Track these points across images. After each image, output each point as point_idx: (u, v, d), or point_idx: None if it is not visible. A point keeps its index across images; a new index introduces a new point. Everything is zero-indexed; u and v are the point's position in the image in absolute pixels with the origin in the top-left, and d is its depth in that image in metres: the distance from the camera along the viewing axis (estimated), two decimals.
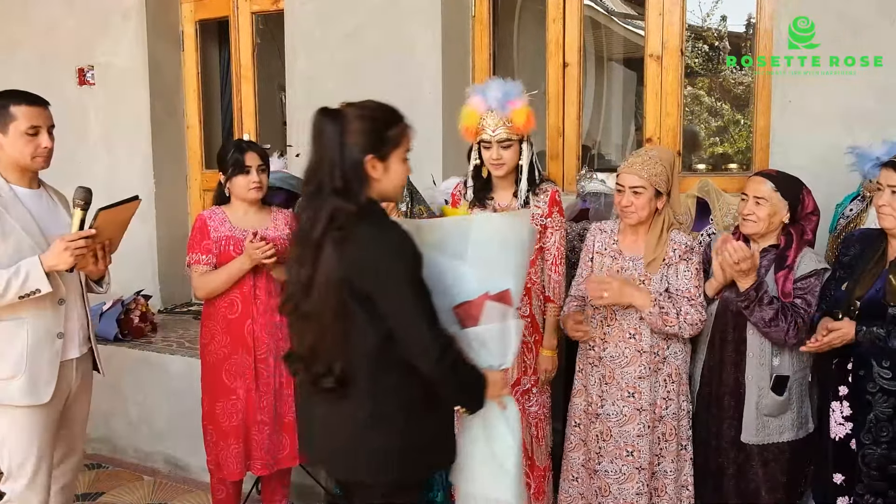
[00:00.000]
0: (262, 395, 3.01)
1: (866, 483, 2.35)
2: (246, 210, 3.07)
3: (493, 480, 2.03)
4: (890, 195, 2.33)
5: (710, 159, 6.68)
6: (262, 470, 3.07)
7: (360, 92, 4.23)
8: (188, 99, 5.21)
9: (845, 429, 2.43)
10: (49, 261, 2.42)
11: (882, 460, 2.33)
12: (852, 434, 2.41)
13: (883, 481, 2.33)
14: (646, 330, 2.60)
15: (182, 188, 5.22)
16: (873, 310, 2.35)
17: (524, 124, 2.71)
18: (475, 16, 4.27)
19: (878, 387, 2.33)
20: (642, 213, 2.58)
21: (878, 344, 2.28)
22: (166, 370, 4.09)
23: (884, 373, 2.32)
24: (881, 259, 2.42)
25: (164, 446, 4.13)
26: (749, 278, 2.48)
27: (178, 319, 4.83)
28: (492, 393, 1.97)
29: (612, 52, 6.23)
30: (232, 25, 5.01)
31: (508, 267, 1.98)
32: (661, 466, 2.66)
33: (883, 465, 2.33)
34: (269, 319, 3.01)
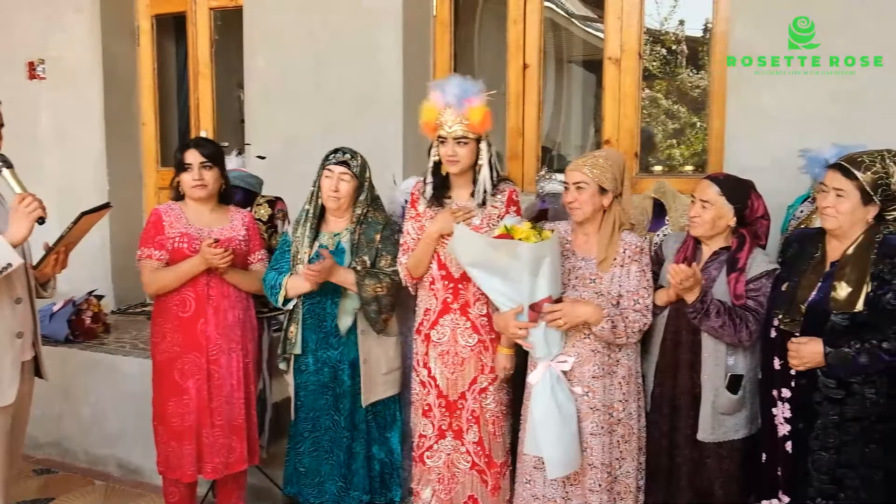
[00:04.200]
0: (213, 397, 2.98)
1: (816, 487, 2.38)
2: (202, 208, 3.02)
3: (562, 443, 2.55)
4: (834, 197, 2.34)
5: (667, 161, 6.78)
6: (212, 474, 3.02)
7: (321, 91, 4.29)
8: (143, 95, 5.12)
9: (785, 429, 2.45)
10: (10, 232, 2.33)
11: (831, 465, 2.35)
12: (790, 436, 2.44)
13: (832, 485, 2.36)
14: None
15: (137, 186, 5.13)
16: (816, 315, 2.36)
17: (480, 123, 2.72)
18: (436, 16, 4.28)
19: (824, 396, 2.35)
20: (586, 208, 2.62)
21: (847, 364, 2.28)
22: (119, 371, 4.01)
23: (829, 382, 2.34)
24: (821, 260, 2.44)
25: (117, 450, 4.04)
26: (694, 293, 2.53)
27: (131, 320, 4.75)
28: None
29: (572, 54, 6.28)
30: (189, 21, 4.95)
31: (556, 277, 2.59)
32: (622, 469, 2.68)
33: (832, 469, 2.35)
34: (222, 319, 2.97)
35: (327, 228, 2.98)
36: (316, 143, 3.32)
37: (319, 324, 2.94)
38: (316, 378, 2.96)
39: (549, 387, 2.58)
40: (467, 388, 2.83)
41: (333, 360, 2.93)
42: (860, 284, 2.29)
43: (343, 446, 2.96)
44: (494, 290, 2.61)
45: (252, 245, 3.12)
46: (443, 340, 2.84)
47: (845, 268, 2.33)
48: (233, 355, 3.01)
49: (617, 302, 2.61)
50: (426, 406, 2.89)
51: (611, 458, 2.66)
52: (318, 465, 2.98)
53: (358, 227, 2.93)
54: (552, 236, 2.57)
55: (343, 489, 2.96)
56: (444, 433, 2.86)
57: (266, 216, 3.42)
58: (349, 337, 2.92)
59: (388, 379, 2.97)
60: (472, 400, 2.83)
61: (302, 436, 3.01)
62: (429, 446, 2.89)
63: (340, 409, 2.95)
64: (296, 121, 4.37)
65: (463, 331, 2.83)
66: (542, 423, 2.56)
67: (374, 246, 2.94)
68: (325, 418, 2.96)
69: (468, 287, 2.81)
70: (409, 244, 2.88)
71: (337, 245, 2.92)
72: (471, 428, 2.84)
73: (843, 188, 2.31)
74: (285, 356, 3.00)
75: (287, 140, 4.36)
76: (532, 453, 2.66)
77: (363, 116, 4.16)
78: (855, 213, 2.32)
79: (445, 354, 2.84)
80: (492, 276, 2.59)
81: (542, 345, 2.60)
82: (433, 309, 2.86)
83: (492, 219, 2.78)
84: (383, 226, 2.97)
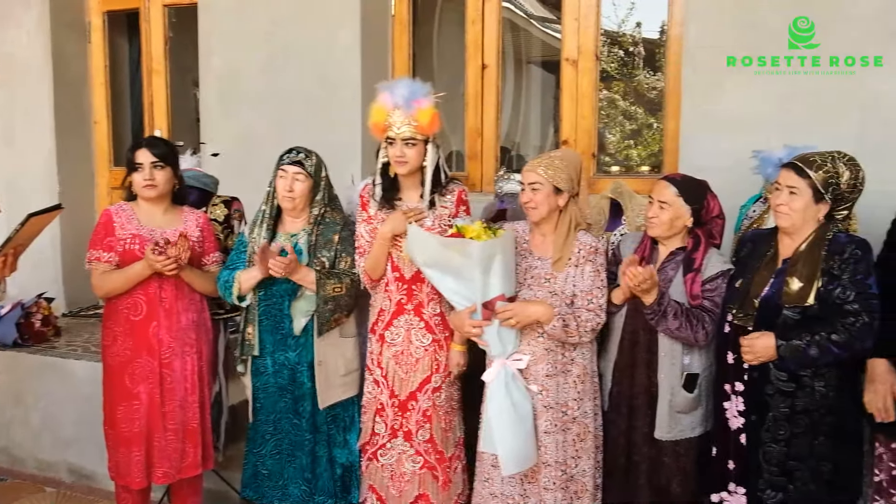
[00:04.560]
0: (166, 401, 2.93)
1: (767, 478, 2.44)
2: (154, 208, 2.97)
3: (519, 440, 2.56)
4: (787, 195, 2.41)
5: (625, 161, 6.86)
6: (163, 479, 2.98)
7: (278, 90, 4.25)
8: (95, 93, 5.02)
9: (738, 422, 2.51)
10: None
11: (781, 457, 2.41)
12: (743, 429, 2.49)
13: (782, 476, 2.42)
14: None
15: (89, 186, 5.03)
16: (769, 310, 2.42)
17: (428, 124, 2.74)
18: (395, 15, 4.26)
19: (776, 388, 2.41)
20: (542, 208, 2.64)
21: (798, 356, 2.34)
22: (71, 376, 3.92)
23: (780, 375, 2.40)
24: (774, 258, 2.50)
25: (69, 455, 3.96)
26: (651, 295, 2.56)
27: (83, 323, 4.66)
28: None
29: (531, 54, 6.32)
30: (142, 17, 4.86)
31: (508, 276, 2.60)
32: (578, 467, 2.70)
33: (782, 461, 2.41)
34: (175, 322, 2.93)
35: (284, 229, 2.95)
36: (273, 142, 3.29)
37: (276, 325, 2.90)
38: (275, 380, 2.93)
39: (504, 384, 2.60)
40: (418, 388, 2.84)
41: (292, 361, 2.90)
42: (811, 280, 2.36)
43: (305, 449, 2.93)
44: (449, 289, 2.63)
45: (207, 246, 3.07)
46: (397, 341, 2.85)
47: (797, 264, 2.40)
48: (187, 358, 2.96)
49: (571, 301, 2.64)
50: (379, 405, 2.90)
51: (565, 456, 2.68)
52: (282, 467, 2.95)
53: (315, 227, 2.91)
54: (503, 235, 2.59)
55: (307, 493, 2.94)
56: (396, 433, 2.88)
57: (222, 216, 3.37)
58: (307, 338, 2.89)
59: (346, 380, 2.95)
60: (423, 400, 2.84)
61: (263, 438, 2.97)
62: (381, 444, 2.90)
63: (301, 411, 2.92)
64: (253, 120, 4.32)
65: (417, 331, 2.84)
66: (496, 420, 2.57)
67: (333, 247, 2.91)
68: (285, 421, 2.94)
69: (422, 287, 2.82)
70: (364, 246, 2.88)
71: (294, 246, 2.89)
72: (421, 428, 2.85)
73: (797, 186, 2.39)
74: (243, 358, 2.97)
75: (244, 139, 4.31)
76: (487, 450, 2.68)
77: (321, 116, 4.13)
78: (807, 210, 2.39)
79: (400, 355, 2.85)
80: (446, 276, 2.60)
81: (496, 343, 2.61)
82: (387, 310, 2.87)
83: (442, 219, 2.81)
84: (342, 226, 2.95)
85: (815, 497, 2.40)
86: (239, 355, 2.97)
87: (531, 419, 2.63)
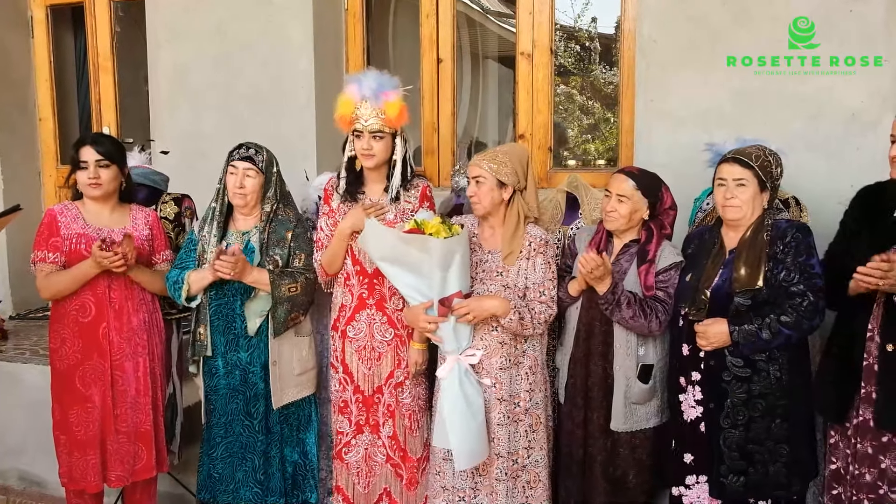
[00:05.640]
0: (117, 404, 2.88)
1: (728, 464, 2.49)
2: (100, 207, 2.90)
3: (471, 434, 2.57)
4: (735, 187, 2.47)
5: (582, 155, 6.91)
6: (116, 482, 2.93)
7: (229, 85, 4.17)
8: (40, 89, 4.89)
9: (696, 412, 2.56)
10: None
11: (741, 441, 2.47)
12: (703, 417, 2.54)
13: (743, 460, 2.48)
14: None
15: (35, 185, 4.90)
16: (720, 299, 2.48)
17: (397, 117, 2.72)
18: (348, 9, 4.22)
19: (732, 375, 2.46)
20: (485, 202, 2.64)
21: (752, 340, 2.40)
22: (19, 380, 3.82)
23: (736, 361, 2.45)
24: (720, 251, 2.56)
25: (18, 462, 3.85)
26: (604, 283, 2.58)
27: (32, 325, 4.54)
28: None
29: (487, 49, 6.32)
30: (88, 11, 4.73)
31: (465, 273, 2.61)
32: (531, 458, 2.72)
33: (742, 445, 2.47)
34: (126, 323, 2.87)
35: (235, 227, 2.90)
36: (225, 138, 3.22)
37: (228, 325, 2.86)
38: (226, 382, 2.88)
39: (458, 380, 2.61)
40: (384, 382, 2.84)
41: (243, 362, 2.86)
42: (758, 264, 2.44)
43: (258, 451, 2.89)
44: (405, 284, 2.62)
45: (156, 245, 3.00)
46: (359, 336, 2.84)
47: (743, 252, 2.48)
48: (138, 360, 2.91)
49: (523, 294, 2.65)
50: (342, 403, 2.88)
51: (517, 447, 2.70)
52: (233, 471, 2.91)
53: (268, 224, 2.86)
54: (462, 231, 2.59)
55: (259, 495, 2.91)
56: (362, 428, 2.87)
57: (173, 214, 3.30)
58: (259, 338, 2.85)
59: (301, 380, 2.91)
60: (388, 394, 2.84)
61: (215, 441, 2.93)
62: (346, 443, 2.90)
63: (253, 412, 2.88)
64: (204, 116, 4.25)
65: (379, 326, 2.83)
66: (450, 417, 2.58)
67: (287, 244, 2.87)
68: (236, 423, 2.89)
69: (383, 282, 2.80)
70: (324, 241, 2.86)
71: (246, 244, 2.84)
72: (387, 422, 2.85)
73: (744, 177, 2.46)
74: (194, 359, 2.91)
75: (194, 136, 4.23)
76: (440, 446, 2.70)
77: (274, 111, 4.08)
78: (755, 199, 2.47)
79: (362, 350, 2.84)
80: (402, 271, 2.59)
81: (451, 339, 2.61)
82: (349, 305, 2.85)
83: (405, 214, 2.79)
84: (295, 223, 2.91)
85: (774, 479, 2.47)
86: (191, 356, 2.92)
87: (483, 414, 2.64)
